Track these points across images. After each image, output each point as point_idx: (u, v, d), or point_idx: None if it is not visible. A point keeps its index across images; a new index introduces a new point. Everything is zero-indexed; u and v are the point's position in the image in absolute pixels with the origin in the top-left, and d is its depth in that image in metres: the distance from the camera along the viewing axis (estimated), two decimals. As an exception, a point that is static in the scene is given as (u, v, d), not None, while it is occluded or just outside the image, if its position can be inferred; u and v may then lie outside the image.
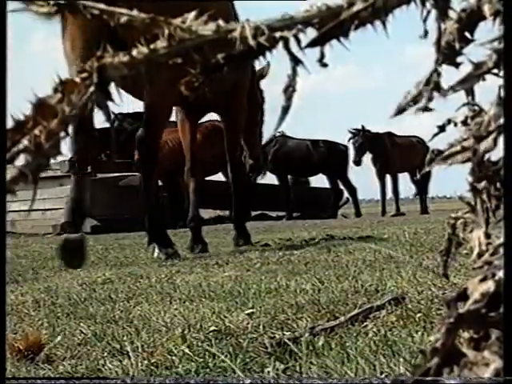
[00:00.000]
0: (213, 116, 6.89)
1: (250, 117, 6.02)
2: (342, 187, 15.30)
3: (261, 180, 14.38)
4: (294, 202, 13.90)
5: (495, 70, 0.73)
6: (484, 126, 0.74)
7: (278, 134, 14.86)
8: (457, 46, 0.72)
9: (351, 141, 15.08)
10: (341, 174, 15.04)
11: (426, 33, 0.75)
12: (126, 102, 9.05)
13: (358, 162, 15.01)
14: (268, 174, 15.01)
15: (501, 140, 0.74)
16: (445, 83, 0.75)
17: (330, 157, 14.77)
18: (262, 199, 13.21)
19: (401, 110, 0.76)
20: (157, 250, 4.87)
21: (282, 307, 2.24)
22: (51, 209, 11.43)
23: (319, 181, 15.99)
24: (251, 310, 2.20)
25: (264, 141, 14.16)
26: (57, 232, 10.82)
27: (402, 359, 1.53)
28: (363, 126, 15.00)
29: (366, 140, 14.88)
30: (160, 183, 11.63)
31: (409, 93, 0.76)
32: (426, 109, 0.74)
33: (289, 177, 14.87)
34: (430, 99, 0.73)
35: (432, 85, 0.72)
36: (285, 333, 1.88)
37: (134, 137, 11.89)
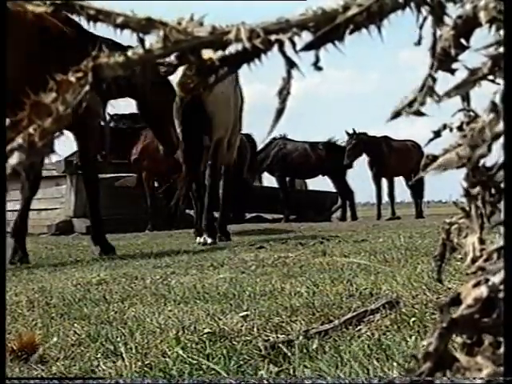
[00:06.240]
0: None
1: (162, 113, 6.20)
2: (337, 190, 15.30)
3: (257, 182, 14.38)
4: (290, 205, 13.90)
5: (490, 77, 0.73)
6: (479, 132, 0.74)
7: (279, 136, 14.86)
8: (452, 52, 0.72)
9: (345, 143, 15.08)
10: (338, 176, 15.04)
11: (419, 38, 0.75)
12: (123, 104, 9.02)
13: (348, 165, 14.97)
14: (265, 176, 15.02)
15: (495, 146, 0.74)
16: (440, 89, 0.75)
17: (328, 159, 14.78)
18: (258, 201, 13.21)
19: (396, 115, 0.76)
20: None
21: (277, 310, 2.23)
22: (46, 209, 11.40)
23: (320, 184, 16.01)
24: (245, 313, 2.20)
25: (264, 143, 14.18)
26: (52, 232, 10.80)
27: (395, 363, 1.53)
28: (354, 130, 14.97)
29: (363, 143, 14.86)
30: (156, 184, 11.64)
31: (406, 97, 0.76)
32: (419, 113, 0.74)
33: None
34: (423, 103, 0.73)
35: (426, 90, 0.73)
36: (279, 336, 1.88)
37: (129, 138, 11.82)
